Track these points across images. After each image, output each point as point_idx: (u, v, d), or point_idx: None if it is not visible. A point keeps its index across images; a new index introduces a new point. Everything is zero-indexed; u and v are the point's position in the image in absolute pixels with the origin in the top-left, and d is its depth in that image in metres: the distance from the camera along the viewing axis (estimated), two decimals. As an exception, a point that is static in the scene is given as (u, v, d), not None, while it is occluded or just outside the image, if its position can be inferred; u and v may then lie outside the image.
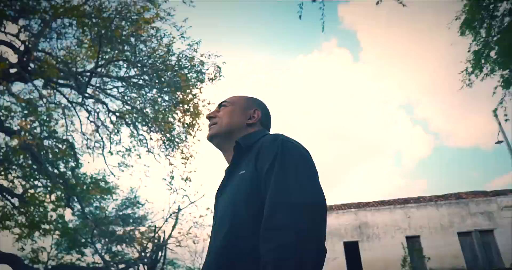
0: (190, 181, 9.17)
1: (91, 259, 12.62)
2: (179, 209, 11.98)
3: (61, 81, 9.52)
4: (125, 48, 9.58)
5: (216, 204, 1.35)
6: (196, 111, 9.71)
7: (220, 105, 1.53)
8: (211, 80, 9.00)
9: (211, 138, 1.48)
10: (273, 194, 1.10)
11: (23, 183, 8.30)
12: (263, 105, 1.56)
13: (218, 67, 8.92)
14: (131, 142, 10.56)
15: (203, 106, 10.32)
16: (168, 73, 9.16)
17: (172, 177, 9.20)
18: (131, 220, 13.51)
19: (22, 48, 8.23)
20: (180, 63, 9.21)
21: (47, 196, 8.77)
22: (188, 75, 9.53)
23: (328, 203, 20.06)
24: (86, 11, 8.69)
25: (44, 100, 9.60)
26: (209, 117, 1.53)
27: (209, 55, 9.16)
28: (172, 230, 12.29)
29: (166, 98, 10.17)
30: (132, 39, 9.36)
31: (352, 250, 17.72)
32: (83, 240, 11.82)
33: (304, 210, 1.05)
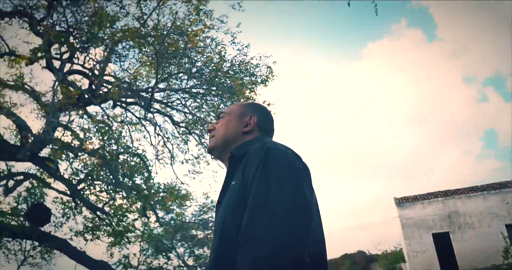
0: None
1: (177, 263, 13.49)
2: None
3: (129, 100, 10.30)
4: (183, 60, 10.02)
5: (215, 216, 1.39)
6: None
7: (219, 117, 1.56)
8: (264, 82, 9.06)
9: (210, 151, 1.53)
10: (252, 204, 1.09)
11: (106, 196, 9.12)
12: (260, 109, 1.54)
13: (269, 67, 8.96)
14: (199, 150, 11.06)
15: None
16: (222, 80, 9.41)
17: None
18: (210, 224, 14.13)
19: (90, 74, 9.05)
20: (234, 68, 9.43)
21: (129, 206, 9.53)
22: (244, 79, 9.71)
23: (412, 193, 18.97)
24: (142, 32, 9.23)
25: (116, 119, 10.49)
26: (208, 130, 1.58)
27: (260, 56, 9.26)
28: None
29: (228, 104, 10.42)
30: (188, 51, 9.75)
31: (442, 242, 16.54)
32: (165, 246, 12.67)
33: (283, 219, 1.03)
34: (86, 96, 9.14)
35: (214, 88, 9.76)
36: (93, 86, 8.98)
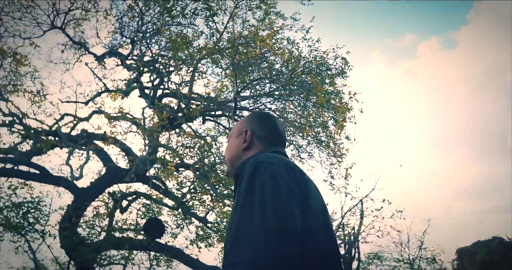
0: (350, 177, 9.05)
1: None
2: (362, 204, 11.90)
3: (218, 113, 10.88)
4: (262, 65, 10.23)
5: None
6: (340, 105, 9.55)
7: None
8: (340, 75, 8.77)
9: (228, 177, 1.63)
10: (234, 228, 1.12)
11: (210, 205, 9.77)
12: (255, 119, 1.53)
13: (343, 58, 8.62)
14: (291, 150, 11.15)
15: (349, 98, 10.13)
16: (300, 79, 9.35)
17: (332, 177, 9.28)
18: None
19: (178, 95, 9.80)
20: (308, 65, 9.32)
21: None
22: (322, 74, 9.51)
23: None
24: (217, 47, 9.68)
25: (210, 132, 11.19)
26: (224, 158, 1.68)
27: (333, 48, 8.99)
28: (360, 227, 12.25)
29: (314, 99, 10.31)
30: (263, 56, 9.93)
31: None
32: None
33: (262, 243, 1.02)
34: (180, 114, 9.96)
35: (294, 88, 9.75)
36: (182, 106, 9.71)
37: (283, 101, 10.83)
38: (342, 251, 12.93)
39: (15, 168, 7.50)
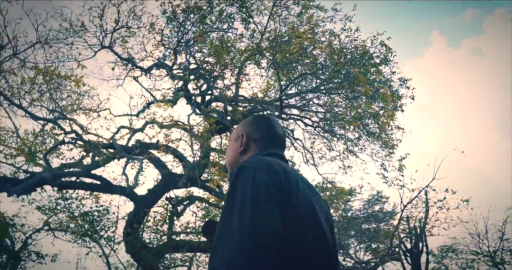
0: (404, 168, 8.61)
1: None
2: (426, 195, 11.29)
3: (265, 113, 10.93)
4: (307, 60, 10.12)
5: None
6: (387, 94, 9.15)
7: None
8: (384, 63, 8.37)
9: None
10: (216, 232, 1.15)
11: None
12: (251, 122, 1.53)
13: (384, 45, 8.22)
14: (344, 144, 10.88)
15: (400, 85, 9.70)
16: (344, 71, 9.09)
17: (385, 169, 8.90)
18: (380, 215, 13.59)
19: (224, 99, 10.00)
20: (350, 55, 9.03)
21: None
22: (366, 63, 9.19)
23: None
24: (261, 48, 9.72)
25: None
26: None
27: (374, 36, 8.61)
28: (426, 219, 11.60)
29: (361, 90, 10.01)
30: (304, 51, 9.81)
31: None
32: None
33: (239, 247, 1.04)
34: (228, 118, 10.16)
35: (338, 80, 9.52)
36: (229, 109, 9.89)
37: (330, 95, 10.64)
38: (408, 245, 12.39)
39: (78, 180, 8.16)
